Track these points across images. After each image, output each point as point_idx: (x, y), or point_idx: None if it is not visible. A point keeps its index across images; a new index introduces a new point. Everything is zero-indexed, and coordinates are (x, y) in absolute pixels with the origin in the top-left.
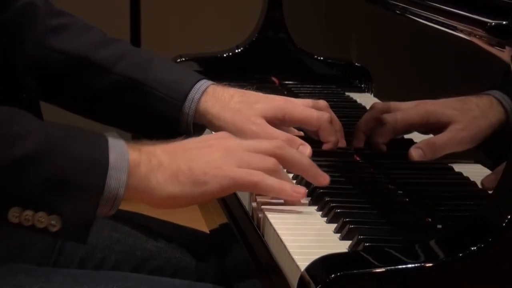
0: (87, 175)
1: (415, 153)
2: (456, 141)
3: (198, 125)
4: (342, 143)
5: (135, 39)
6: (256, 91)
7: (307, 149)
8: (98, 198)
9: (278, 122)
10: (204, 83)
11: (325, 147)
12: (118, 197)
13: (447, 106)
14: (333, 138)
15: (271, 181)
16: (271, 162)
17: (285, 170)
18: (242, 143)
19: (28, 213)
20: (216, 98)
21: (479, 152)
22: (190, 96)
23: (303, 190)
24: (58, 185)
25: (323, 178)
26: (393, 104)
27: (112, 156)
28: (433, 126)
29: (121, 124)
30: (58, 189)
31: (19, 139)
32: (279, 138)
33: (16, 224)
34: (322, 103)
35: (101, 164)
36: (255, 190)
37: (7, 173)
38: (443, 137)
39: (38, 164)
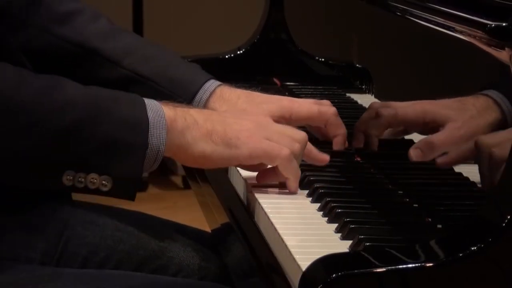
0: (132, 135)
1: (413, 153)
2: (453, 140)
3: None
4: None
5: None
6: (261, 92)
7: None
8: (143, 156)
9: (285, 121)
10: (212, 83)
11: (335, 141)
12: (160, 153)
13: (444, 106)
14: (341, 130)
15: (294, 165)
16: (297, 146)
17: None
18: (273, 122)
19: (81, 175)
20: (224, 99)
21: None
22: (198, 97)
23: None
24: (107, 147)
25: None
26: (391, 103)
27: (151, 115)
28: (430, 125)
29: None
30: (107, 150)
31: (68, 106)
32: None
33: (70, 187)
34: (326, 102)
35: (143, 124)
36: (279, 163)
37: (59, 139)
38: (440, 136)
39: (87, 129)
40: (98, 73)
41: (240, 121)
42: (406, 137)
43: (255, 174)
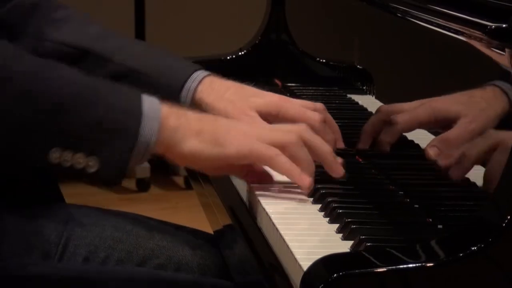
0: (125, 121)
1: (432, 152)
2: (467, 134)
3: None
4: (340, 145)
5: None
6: (254, 87)
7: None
8: (133, 143)
9: (272, 118)
10: (201, 73)
11: None
12: (150, 145)
13: (453, 101)
14: (328, 137)
15: (284, 160)
16: (292, 136)
17: None
18: (267, 124)
19: (68, 154)
20: (212, 88)
21: None
22: (186, 86)
23: (308, 180)
24: (97, 129)
25: (338, 170)
26: (399, 105)
27: (146, 107)
28: (442, 123)
29: None
30: (97, 132)
31: (64, 84)
32: None
33: (56, 165)
34: (319, 105)
35: (137, 113)
36: (268, 164)
37: (50, 115)
38: (454, 131)
39: (80, 108)
40: (91, 71)
41: (232, 123)
42: (407, 137)
43: None
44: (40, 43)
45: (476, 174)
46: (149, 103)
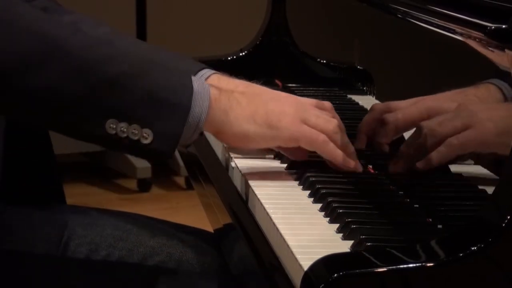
0: (178, 95)
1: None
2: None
3: None
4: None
5: None
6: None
7: None
8: (185, 117)
9: None
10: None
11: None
12: (201, 122)
13: (446, 99)
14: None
15: (331, 146)
16: (334, 124)
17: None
18: (311, 107)
19: (123, 125)
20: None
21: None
22: None
23: (353, 163)
24: (152, 102)
25: (343, 167)
26: (393, 103)
27: (195, 85)
28: None
29: None
30: (151, 105)
31: (121, 56)
32: None
33: (114, 135)
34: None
35: (188, 89)
36: (317, 149)
37: (107, 87)
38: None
39: (135, 81)
40: None
41: (281, 105)
42: (407, 137)
43: (255, 172)
44: None
45: (476, 175)
46: (199, 82)
